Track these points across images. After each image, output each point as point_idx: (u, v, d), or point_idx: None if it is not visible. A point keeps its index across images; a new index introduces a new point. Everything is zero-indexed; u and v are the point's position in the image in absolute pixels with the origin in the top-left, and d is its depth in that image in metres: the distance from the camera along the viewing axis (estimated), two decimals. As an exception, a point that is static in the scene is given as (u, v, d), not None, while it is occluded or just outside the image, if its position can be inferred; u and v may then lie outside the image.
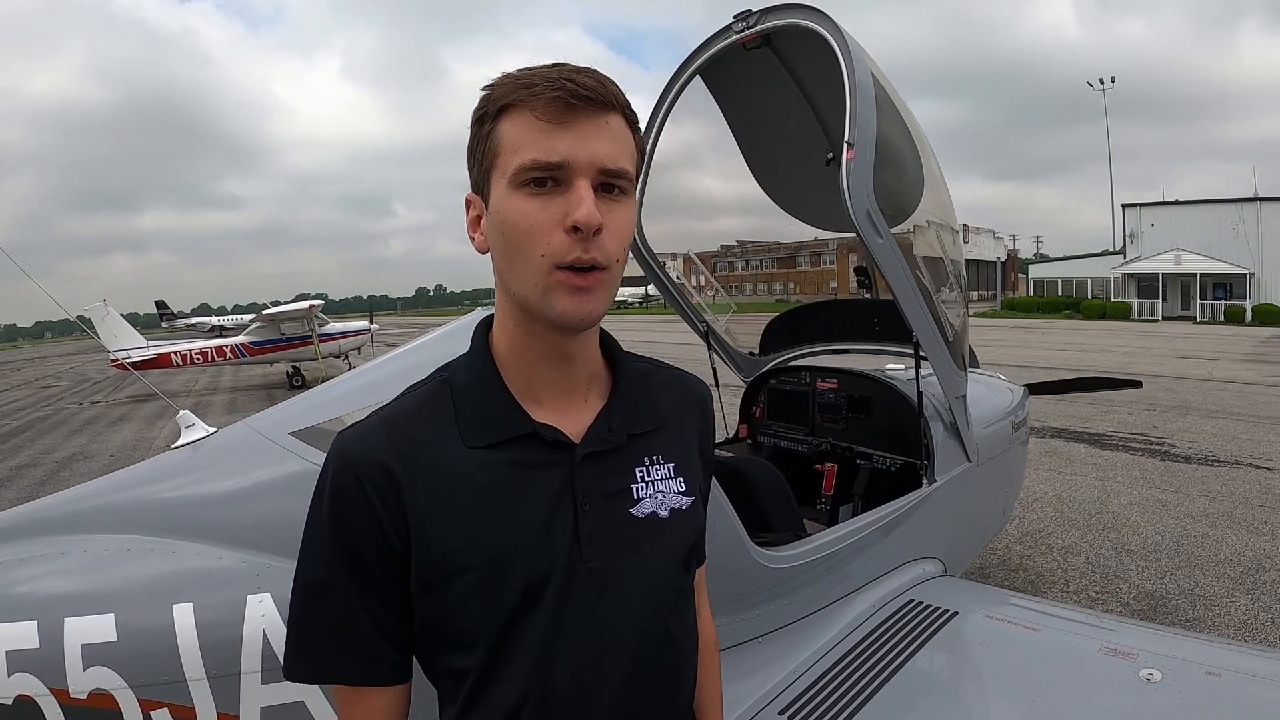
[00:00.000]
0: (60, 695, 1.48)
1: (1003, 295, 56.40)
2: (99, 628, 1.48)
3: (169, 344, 20.38)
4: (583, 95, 0.93)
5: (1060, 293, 50.89)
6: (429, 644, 1.03)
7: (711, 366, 3.98)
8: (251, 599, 1.57)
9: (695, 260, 4.18)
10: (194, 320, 61.47)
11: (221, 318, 58.05)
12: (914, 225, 2.94)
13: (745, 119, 3.62)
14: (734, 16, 2.84)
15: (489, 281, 1.05)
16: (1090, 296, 48.36)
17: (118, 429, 14.22)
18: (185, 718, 1.51)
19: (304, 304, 20.08)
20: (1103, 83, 58.16)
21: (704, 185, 4.20)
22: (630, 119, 1.00)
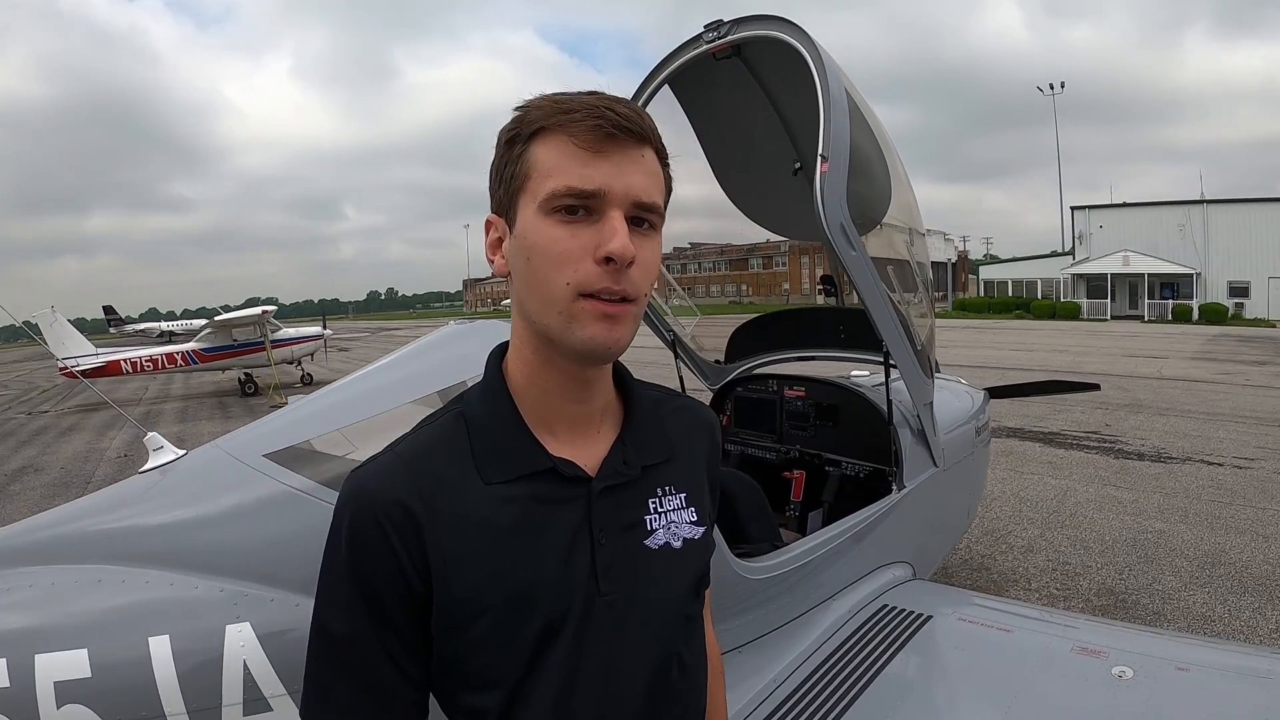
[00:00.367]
0: None
1: (954, 296, 57.29)
2: (72, 664, 1.41)
3: (118, 351, 19.88)
4: (622, 126, 0.92)
5: (1010, 293, 51.88)
6: (448, 682, 1.01)
7: (678, 375, 3.98)
8: (230, 629, 1.52)
9: (661, 269, 4.17)
10: (143, 326, 60.22)
11: (171, 323, 56.94)
12: (883, 231, 2.97)
13: (712, 127, 3.62)
14: (705, 26, 2.82)
15: (439, 285, 1.03)
16: (1040, 297, 49.38)
17: (68, 439, 13.82)
18: None
19: (256, 310, 19.73)
20: (1052, 87, 59.51)
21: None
22: (662, 153, 0.99)
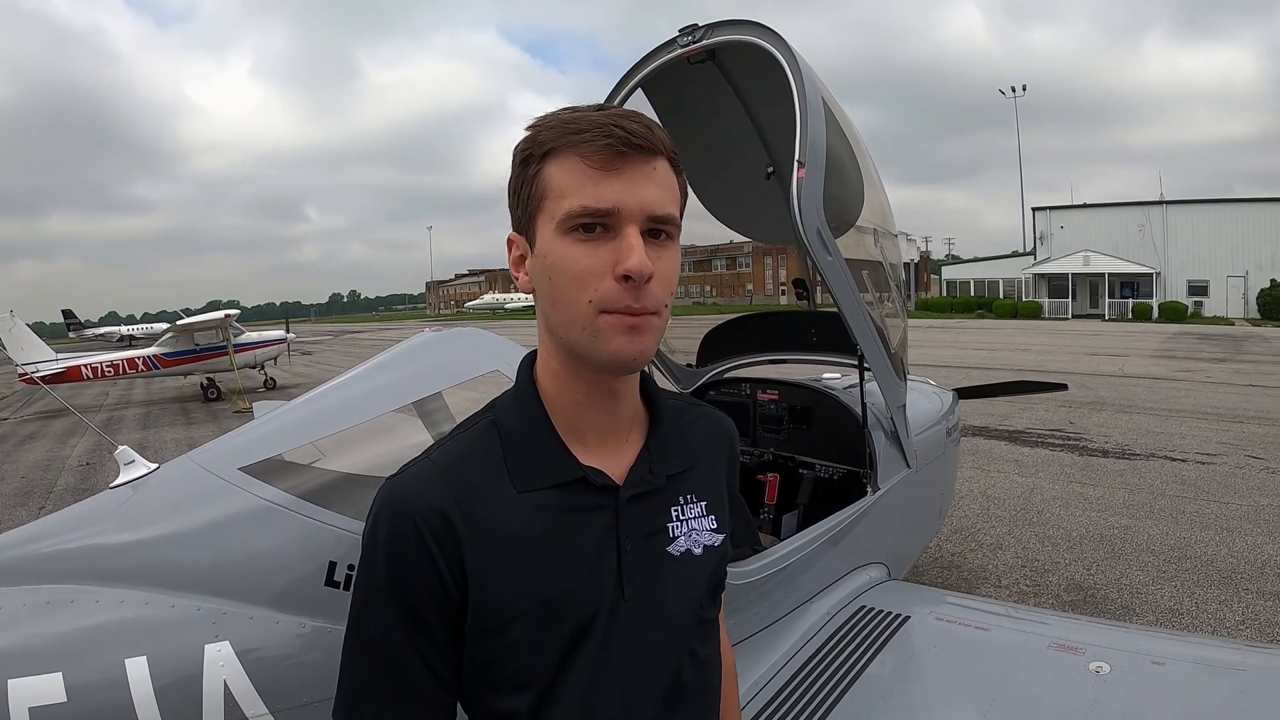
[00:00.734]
0: None
1: (916, 296, 57.89)
2: (47, 689, 1.37)
3: (78, 356, 19.47)
4: (633, 143, 0.94)
5: (973, 293, 52.57)
6: (478, 685, 1.03)
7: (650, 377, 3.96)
8: (209, 648, 1.48)
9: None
10: (103, 330, 59.04)
11: (131, 327, 55.91)
12: (856, 233, 2.98)
13: (685, 131, 3.61)
14: (679, 30, 2.82)
15: (402, 287, 1.04)
16: (1002, 296, 50.05)
17: (28, 447, 13.49)
18: None
19: (219, 314, 19.45)
20: (1014, 90, 60.31)
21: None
22: (675, 162, 1.01)
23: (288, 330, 21.64)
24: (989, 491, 7.60)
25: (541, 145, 0.96)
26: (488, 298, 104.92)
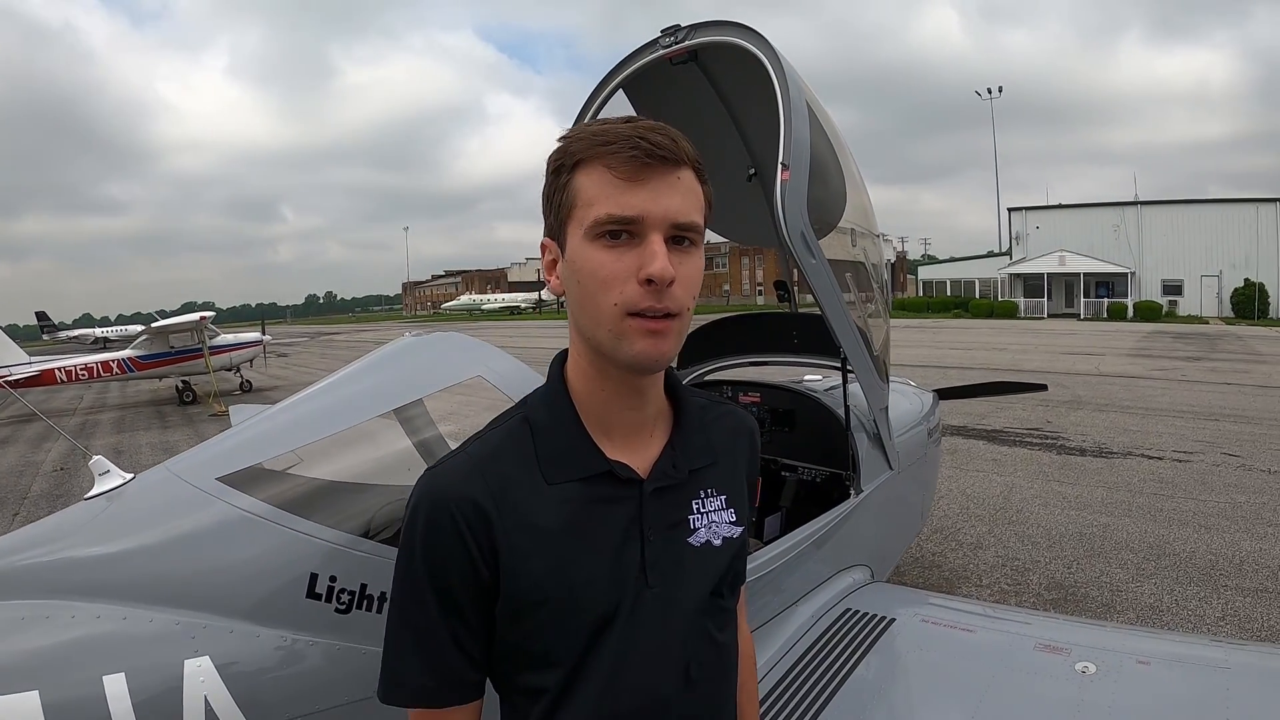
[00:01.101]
0: None
1: (893, 296, 58.17)
2: (22, 707, 1.32)
3: (52, 359, 19.18)
4: (657, 154, 0.99)
5: (949, 293, 52.95)
6: (508, 663, 1.11)
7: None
8: (189, 664, 1.45)
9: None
10: (77, 332, 58.35)
11: (105, 329, 55.29)
12: (839, 234, 2.98)
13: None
14: (662, 31, 2.81)
15: (378, 288, 1.05)
16: (978, 296, 50.44)
17: (1, 453, 13.32)
18: None
19: (194, 316, 19.24)
20: (990, 91, 60.73)
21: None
22: (699, 172, 1.06)
23: (264, 332, 21.42)
24: (968, 491, 7.64)
25: (572, 156, 1.03)
26: (464, 299, 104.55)
